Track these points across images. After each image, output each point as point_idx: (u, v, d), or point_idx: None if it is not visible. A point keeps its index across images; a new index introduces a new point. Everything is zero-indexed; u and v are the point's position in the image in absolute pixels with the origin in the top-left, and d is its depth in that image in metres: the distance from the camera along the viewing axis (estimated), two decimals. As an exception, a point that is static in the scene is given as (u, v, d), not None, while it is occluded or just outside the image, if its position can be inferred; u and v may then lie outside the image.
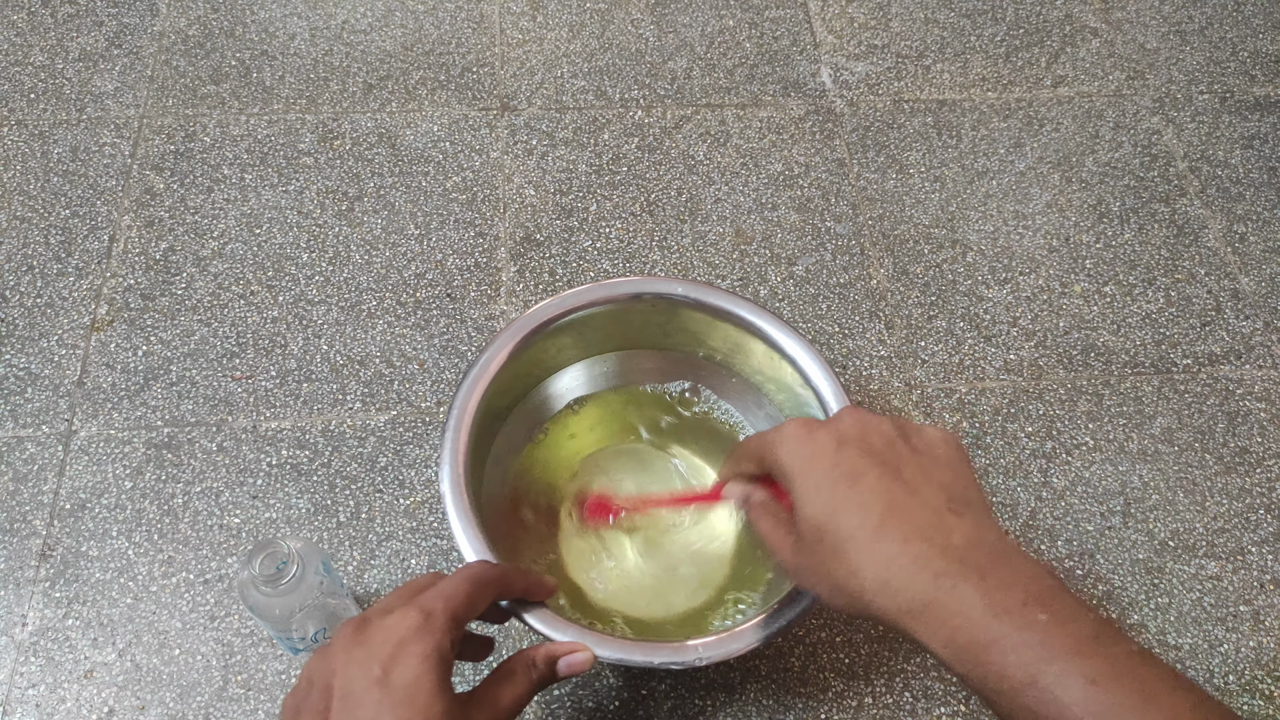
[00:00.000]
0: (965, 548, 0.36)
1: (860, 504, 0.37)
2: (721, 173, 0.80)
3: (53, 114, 0.80)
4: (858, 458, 0.38)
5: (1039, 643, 0.33)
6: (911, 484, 0.38)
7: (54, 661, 0.57)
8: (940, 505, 0.37)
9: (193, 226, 0.74)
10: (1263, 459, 0.68)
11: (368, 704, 0.36)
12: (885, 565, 0.36)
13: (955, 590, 0.34)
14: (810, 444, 0.40)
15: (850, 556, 0.37)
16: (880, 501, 0.37)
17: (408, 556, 0.61)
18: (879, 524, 0.36)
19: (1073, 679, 0.32)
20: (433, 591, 0.41)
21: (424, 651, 0.38)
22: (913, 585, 0.35)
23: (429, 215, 0.76)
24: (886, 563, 0.36)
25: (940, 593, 0.35)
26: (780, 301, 0.73)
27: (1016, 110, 0.86)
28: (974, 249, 0.77)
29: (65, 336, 0.69)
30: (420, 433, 0.66)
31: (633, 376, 0.62)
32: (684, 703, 0.57)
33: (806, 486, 0.39)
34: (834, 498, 0.38)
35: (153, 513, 0.62)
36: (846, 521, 0.37)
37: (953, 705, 0.57)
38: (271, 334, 0.70)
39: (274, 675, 0.57)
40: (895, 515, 0.37)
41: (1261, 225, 0.80)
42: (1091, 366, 0.72)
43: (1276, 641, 0.60)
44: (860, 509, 0.37)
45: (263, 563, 0.47)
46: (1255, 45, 0.92)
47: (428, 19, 0.88)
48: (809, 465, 0.39)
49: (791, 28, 0.90)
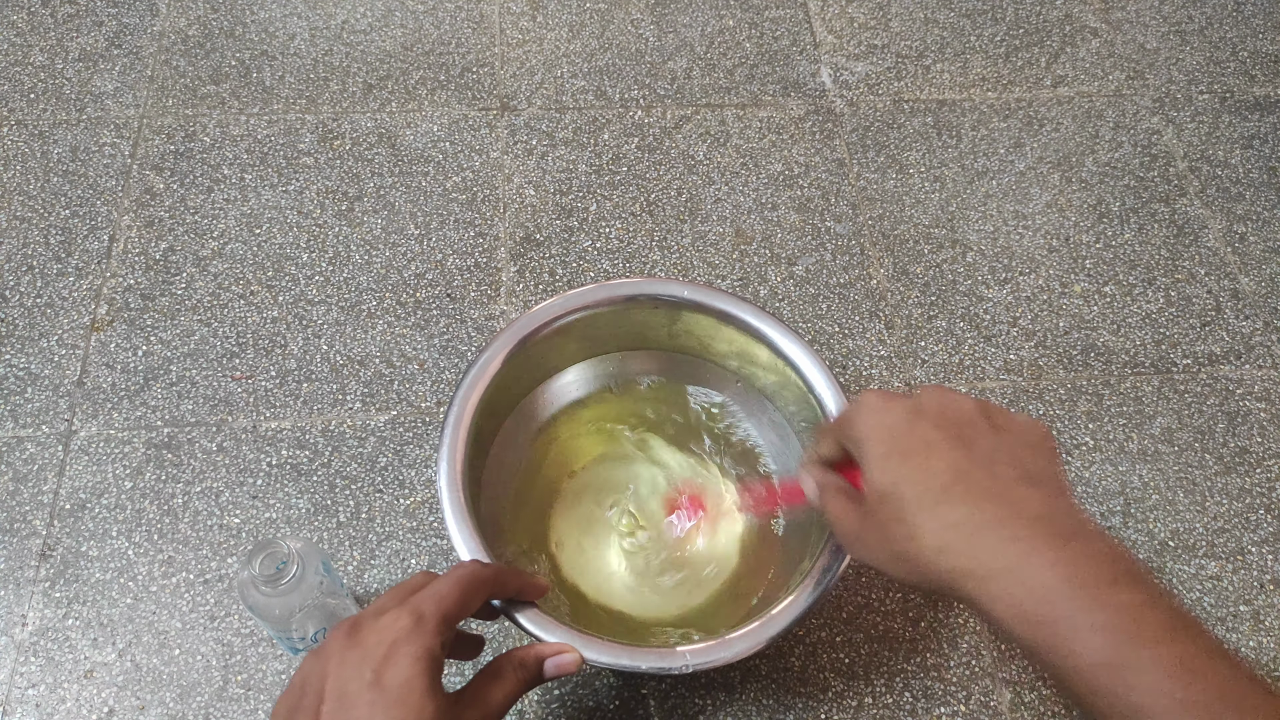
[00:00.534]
0: (1042, 516, 0.34)
1: (927, 471, 0.36)
2: (721, 173, 0.80)
3: (53, 114, 0.80)
4: (931, 429, 0.38)
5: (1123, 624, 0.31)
6: (985, 457, 0.37)
7: (54, 661, 0.57)
8: (1014, 478, 0.36)
9: (193, 226, 0.74)
10: (1263, 459, 0.68)
11: (360, 705, 0.37)
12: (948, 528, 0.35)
13: (1030, 557, 0.33)
14: (885, 413, 0.39)
15: (911, 519, 0.36)
16: (949, 469, 0.36)
17: (408, 556, 0.61)
18: (944, 488, 0.36)
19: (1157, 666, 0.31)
20: (425, 593, 0.41)
21: (416, 653, 0.38)
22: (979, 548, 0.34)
23: (429, 215, 0.76)
24: (950, 525, 0.35)
25: (1012, 558, 0.33)
26: (780, 301, 0.73)
27: (1016, 110, 0.86)
28: (974, 249, 0.77)
29: (65, 336, 0.69)
30: (420, 433, 0.66)
31: (635, 377, 0.62)
32: (684, 702, 0.57)
33: (876, 454, 0.38)
34: (902, 465, 0.37)
35: (153, 513, 0.62)
36: (911, 487, 0.36)
37: (953, 705, 0.57)
38: (271, 334, 0.70)
39: (274, 675, 0.57)
40: (963, 482, 0.36)
41: (1261, 225, 0.80)
42: (1091, 366, 0.72)
43: (1276, 641, 0.60)
44: (927, 475, 0.36)
45: (263, 563, 0.47)
46: (1255, 45, 0.92)
47: (428, 19, 0.88)
48: (881, 433, 0.38)
49: (791, 28, 0.90)
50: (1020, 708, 0.58)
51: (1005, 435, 0.38)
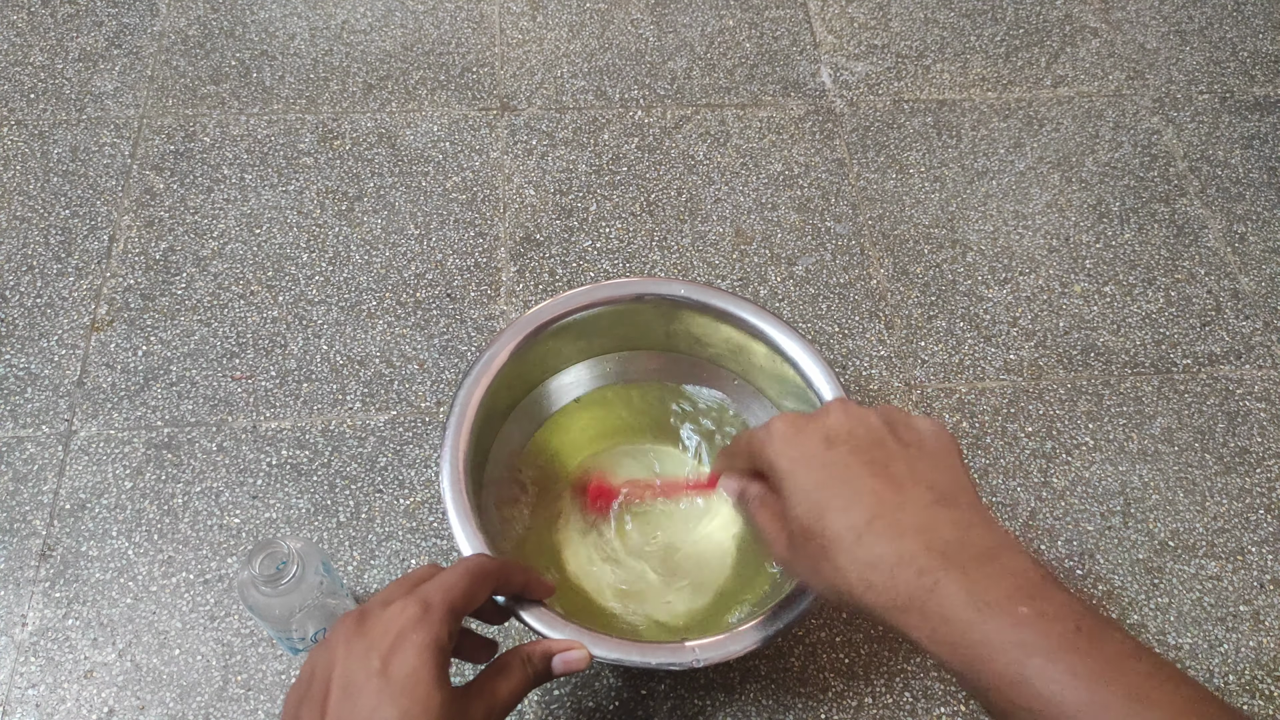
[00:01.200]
0: (952, 543, 0.35)
1: (847, 506, 0.37)
2: (721, 173, 0.80)
3: (53, 114, 0.80)
4: (846, 456, 0.38)
5: (1023, 638, 0.32)
6: (899, 481, 0.38)
7: (54, 661, 0.57)
8: (928, 501, 0.37)
9: (193, 226, 0.75)
10: (1263, 459, 0.68)
11: (367, 695, 0.37)
12: (870, 566, 0.36)
13: (938, 587, 0.34)
14: (798, 444, 0.40)
15: (836, 557, 0.37)
16: (867, 503, 0.37)
17: (407, 556, 0.61)
18: (865, 526, 0.36)
19: (1059, 675, 0.31)
20: (432, 583, 0.41)
21: (423, 642, 0.38)
22: (896, 584, 0.35)
23: (429, 215, 0.76)
24: (872, 564, 0.36)
25: (923, 590, 0.34)
26: (780, 301, 0.73)
27: (1016, 110, 0.86)
28: (974, 249, 0.77)
29: (65, 336, 0.69)
30: (420, 433, 0.66)
31: (634, 377, 0.62)
32: (684, 703, 0.57)
33: (795, 487, 0.39)
34: (821, 499, 0.38)
35: (153, 513, 0.62)
36: (833, 524, 0.37)
37: (953, 705, 0.57)
38: (271, 334, 0.70)
39: (274, 675, 0.57)
40: (882, 516, 0.37)
41: (1261, 225, 0.80)
42: (1091, 366, 0.72)
43: (1276, 641, 0.60)
44: (847, 511, 0.37)
45: (263, 563, 0.47)
46: (1255, 45, 0.92)
47: (428, 19, 0.88)
48: (797, 466, 0.39)
49: (791, 28, 0.90)
50: (1020, 708, 0.57)
51: (912, 449, 0.39)
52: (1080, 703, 0.31)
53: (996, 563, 0.35)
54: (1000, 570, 0.34)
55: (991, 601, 0.33)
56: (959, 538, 0.36)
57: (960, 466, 0.39)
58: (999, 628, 0.33)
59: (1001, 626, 0.33)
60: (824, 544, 0.37)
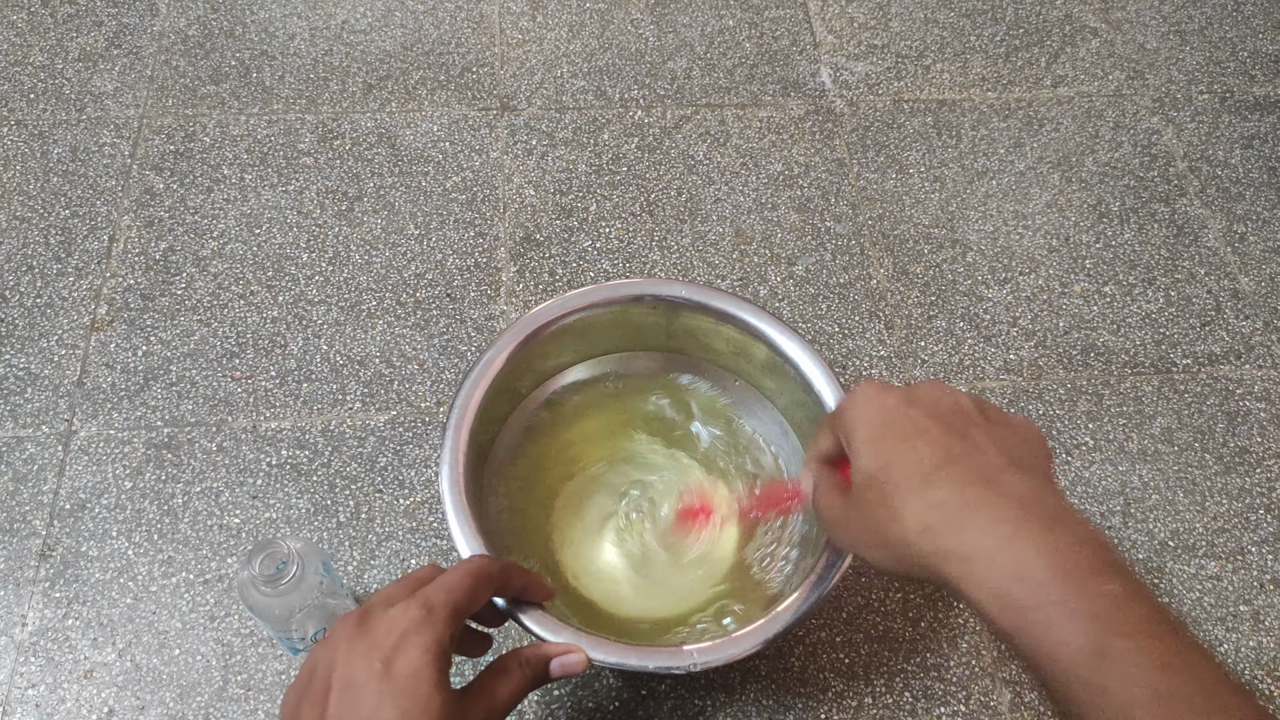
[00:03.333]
0: (1028, 500, 0.34)
1: (915, 455, 0.36)
2: (721, 173, 0.80)
3: (53, 114, 0.80)
4: (923, 416, 0.37)
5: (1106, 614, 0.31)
6: (975, 444, 0.36)
7: (54, 661, 0.57)
8: (1002, 464, 0.36)
9: (193, 226, 0.74)
10: (1263, 459, 0.68)
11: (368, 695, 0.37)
12: (932, 508, 0.34)
13: (1014, 540, 0.33)
14: (878, 401, 0.39)
15: (896, 501, 0.35)
16: (937, 453, 0.36)
17: (407, 556, 0.61)
18: (931, 470, 0.35)
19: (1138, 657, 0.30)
20: (434, 585, 0.41)
21: (425, 644, 0.38)
22: (964, 529, 0.34)
23: (429, 215, 0.76)
24: (935, 506, 0.34)
25: (997, 540, 0.33)
26: (780, 301, 0.73)
27: (1016, 110, 0.86)
28: (974, 249, 0.77)
29: (65, 336, 0.69)
30: (420, 433, 0.66)
31: (634, 378, 0.62)
32: (684, 703, 0.57)
33: (866, 439, 0.38)
34: (890, 449, 0.37)
35: (153, 513, 0.62)
36: (898, 470, 0.36)
37: (953, 705, 0.57)
38: (271, 334, 0.70)
39: (274, 675, 0.57)
40: (950, 465, 0.35)
41: (1261, 225, 0.80)
42: (1091, 366, 0.72)
43: (1276, 641, 0.60)
44: (914, 459, 0.36)
45: (263, 563, 0.47)
46: (1255, 45, 0.92)
47: (428, 19, 0.88)
48: (872, 419, 0.38)
49: (791, 28, 0.90)
50: (1020, 708, 0.58)
51: (998, 428, 0.38)
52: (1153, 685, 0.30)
53: (1072, 530, 0.33)
54: (1075, 539, 0.33)
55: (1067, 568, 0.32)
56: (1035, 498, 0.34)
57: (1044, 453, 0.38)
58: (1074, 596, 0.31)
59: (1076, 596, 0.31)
60: (886, 489, 0.36)
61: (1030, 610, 0.32)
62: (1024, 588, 0.32)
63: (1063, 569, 0.32)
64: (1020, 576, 0.32)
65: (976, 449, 0.36)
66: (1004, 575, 0.33)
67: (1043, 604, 0.32)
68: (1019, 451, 0.37)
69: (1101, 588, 0.32)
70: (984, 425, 0.38)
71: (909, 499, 0.35)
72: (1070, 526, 0.34)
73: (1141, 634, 0.31)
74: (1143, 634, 0.31)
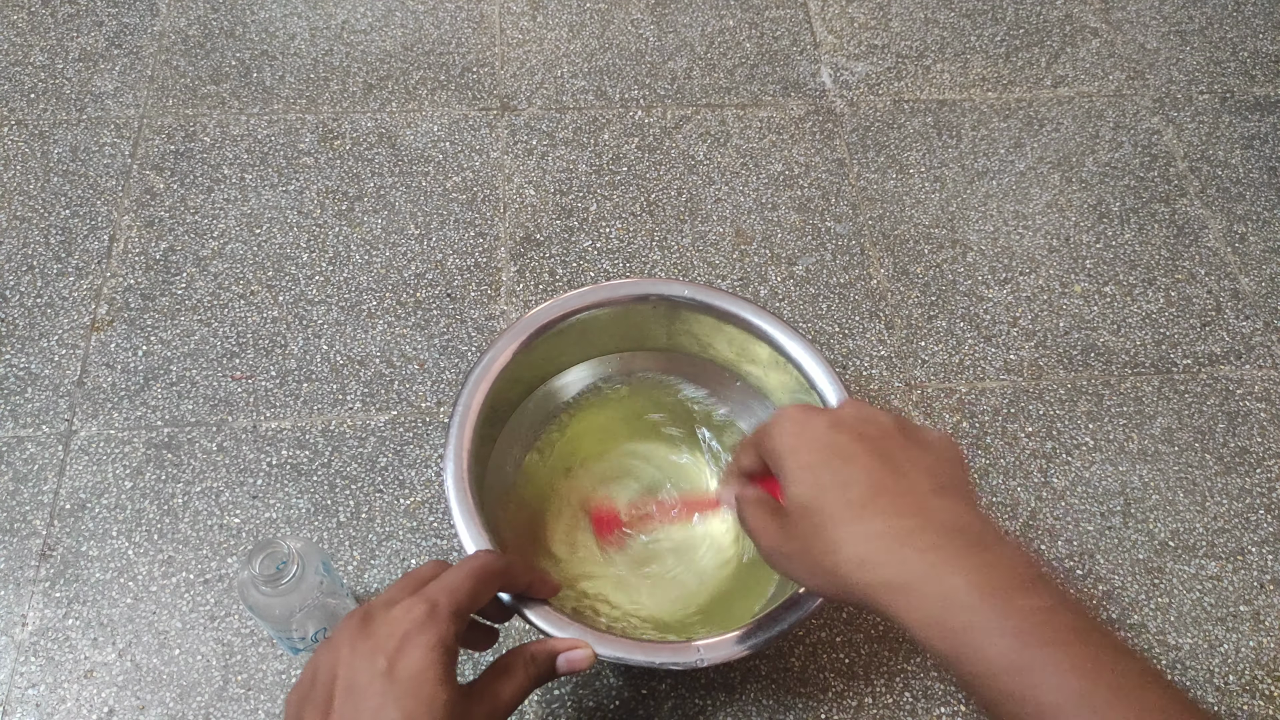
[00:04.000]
0: (951, 527, 0.35)
1: (846, 483, 0.37)
2: (721, 173, 0.80)
3: (53, 114, 0.80)
4: (850, 441, 0.38)
5: (1028, 628, 0.32)
6: (902, 469, 0.37)
7: (54, 661, 0.57)
8: (929, 489, 0.37)
9: (193, 226, 0.74)
10: (1263, 459, 0.68)
11: (372, 695, 0.37)
12: (866, 540, 0.36)
13: (939, 568, 0.34)
14: (804, 426, 0.40)
15: (830, 533, 0.36)
16: (867, 481, 0.37)
17: (408, 556, 0.61)
18: (863, 502, 0.36)
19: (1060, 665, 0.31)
20: (437, 583, 0.41)
21: (429, 643, 0.38)
22: (894, 561, 0.35)
23: (429, 215, 0.76)
24: (868, 538, 0.36)
25: (924, 569, 0.34)
26: (780, 301, 0.73)
27: (1016, 110, 0.86)
28: (974, 249, 0.77)
29: (65, 336, 0.69)
30: (420, 433, 0.66)
31: (636, 378, 0.62)
32: (684, 702, 0.57)
33: (795, 465, 0.39)
34: (821, 476, 0.38)
35: (153, 513, 0.62)
36: (831, 499, 0.37)
37: (953, 705, 0.57)
38: (271, 334, 0.70)
39: (274, 675, 0.57)
40: (882, 494, 0.36)
41: (1261, 225, 0.80)
42: (1091, 366, 0.72)
43: (1276, 641, 0.60)
44: (845, 487, 0.37)
45: (263, 563, 0.47)
46: (1255, 45, 0.92)
47: (428, 19, 0.88)
48: (800, 445, 0.39)
49: (791, 28, 0.90)
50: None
51: (917, 448, 0.39)
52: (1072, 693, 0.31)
53: (995, 552, 0.35)
54: (999, 559, 0.34)
55: (992, 589, 0.33)
56: (959, 524, 0.36)
57: (963, 471, 0.39)
58: (999, 616, 0.33)
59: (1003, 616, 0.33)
60: (820, 520, 0.37)
61: (960, 633, 0.33)
62: (953, 612, 0.33)
63: (988, 589, 0.33)
64: (947, 601, 0.33)
65: (904, 476, 0.37)
66: (935, 602, 0.34)
67: (969, 625, 0.33)
68: (942, 473, 0.38)
69: (1022, 604, 0.33)
70: (908, 448, 0.39)
71: (843, 531, 0.36)
72: (995, 548, 0.35)
73: (1060, 644, 0.32)
74: (1061, 644, 0.32)
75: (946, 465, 0.39)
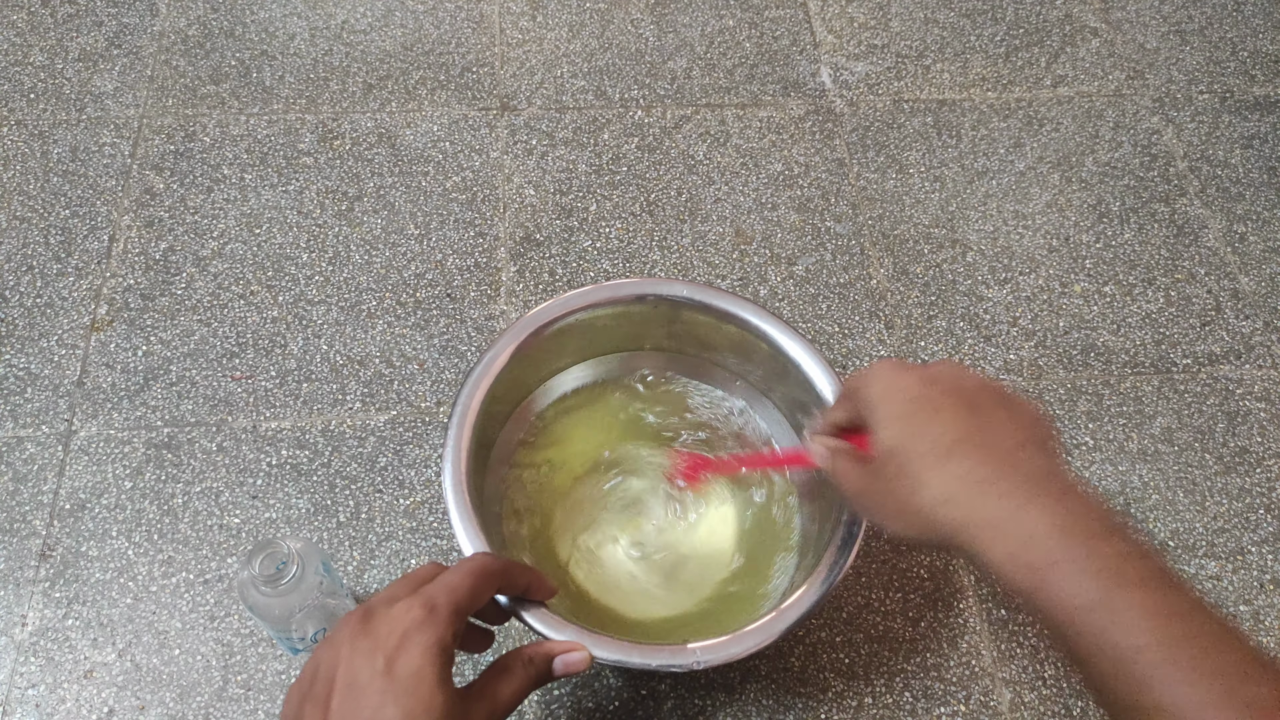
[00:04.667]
0: (1038, 475, 0.37)
1: (936, 430, 0.39)
2: (721, 173, 0.80)
3: (53, 114, 0.80)
4: (940, 394, 0.40)
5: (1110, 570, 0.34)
6: (988, 423, 0.39)
7: (54, 661, 0.57)
8: (1016, 441, 0.38)
9: (193, 226, 0.74)
10: (1263, 459, 0.68)
11: (371, 694, 0.37)
12: (951, 481, 0.37)
13: (1025, 508, 0.35)
14: (899, 378, 0.41)
15: (917, 473, 0.38)
16: (955, 429, 0.38)
17: (407, 556, 0.61)
18: (950, 445, 0.38)
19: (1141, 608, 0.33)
20: (436, 584, 0.41)
21: (427, 643, 0.38)
22: (979, 500, 0.36)
23: (429, 215, 0.76)
24: (955, 478, 0.37)
25: (1010, 509, 0.36)
26: (780, 301, 0.73)
27: (1016, 110, 0.86)
28: (974, 249, 0.77)
29: (65, 336, 0.69)
30: (420, 433, 0.66)
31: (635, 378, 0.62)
32: (684, 702, 0.57)
33: (887, 414, 0.40)
34: (911, 424, 0.39)
35: (153, 513, 0.62)
36: (919, 444, 0.38)
37: (953, 705, 0.57)
38: (271, 334, 0.70)
39: (274, 675, 0.57)
40: (968, 441, 0.38)
41: (1261, 225, 0.80)
42: (1091, 366, 0.72)
43: (1277, 641, 0.60)
44: (935, 434, 0.38)
45: (263, 563, 0.47)
46: (1255, 45, 0.92)
47: (428, 19, 0.88)
48: (893, 395, 0.40)
49: (791, 28, 0.90)
50: (1020, 708, 0.58)
51: (1009, 409, 0.40)
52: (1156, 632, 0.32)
53: (1077, 499, 0.36)
54: (1082, 506, 0.36)
55: (1076, 531, 0.35)
56: (1045, 469, 0.37)
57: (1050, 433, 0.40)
58: (1082, 555, 0.34)
59: (1085, 554, 0.34)
60: (906, 462, 0.38)
61: (1042, 570, 0.34)
62: (1035, 550, 0.35)
63: (1069, 532, 0.35)
64: (1030, 540, 0.35)
65: (991, 427, 0.39)
66: (1017, 540, 0.35)
67: (1053, 563, 0.34)
68: (1028, 430, 0.40)
69: (1104, 548, 0.34)
70: (997, 405, 0.40)
71: (930, 472, 0.38)
72: (1077, 497, 0.36)
73: (1140, 586, 0.33)
74: (1141, 586, 0.33)
75: (1033, 424, 0.40)
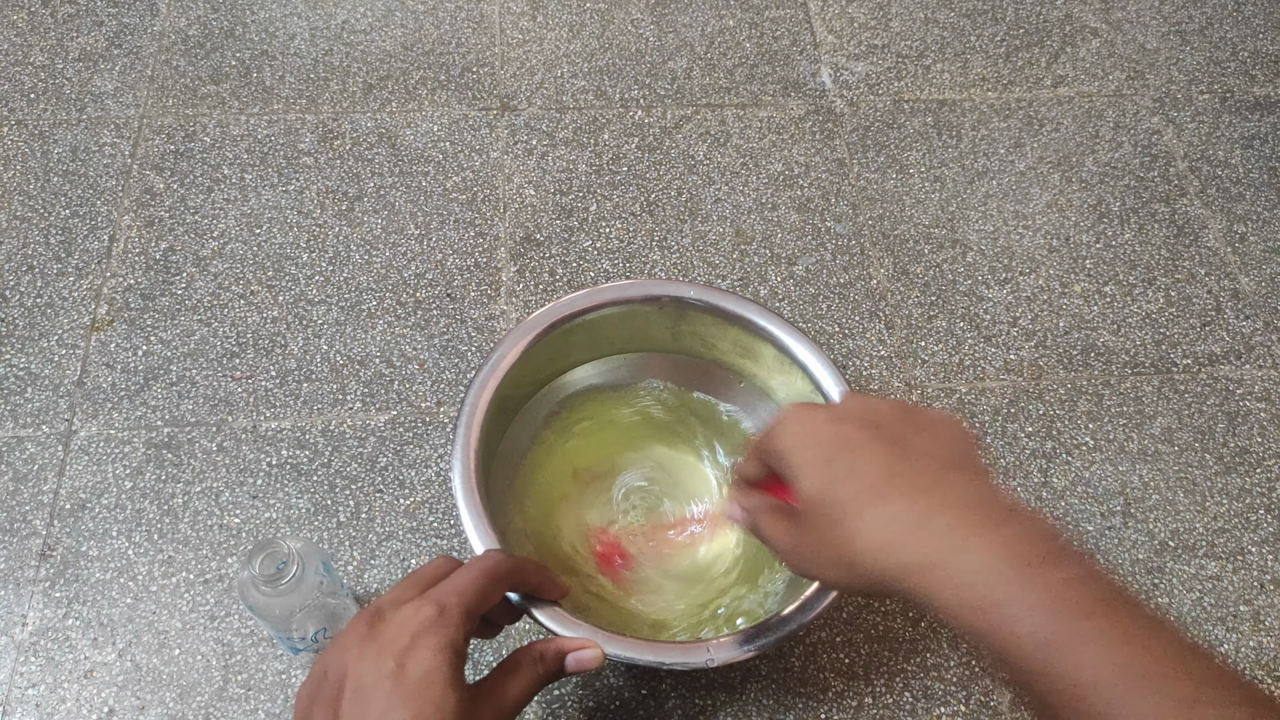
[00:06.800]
0: (973, 502, 0.34)
1: (856, 472, 0.36)
2: (721, 173, 0.80)
3: (53, 114, 0.80)
4: (855, 431, 0.38)
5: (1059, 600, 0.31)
6: (910, 451, 0.37)
7: (54, 661, 0.57)
8: (939, 467, 0.36)
9: (193, 226, 0.74)
10: (1263, 459, 0.68)
11: (380, 696, 0.37)
12: (884, 524, 0.35)
13: (963, 544, 0.33)
14: (807, 423, 0.39)
15: (847, 522, 0.35)
16: (877, 467, 0.36)
17: (408, 556, 0.61)
18: (877, 487, 0.35)
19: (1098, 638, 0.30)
20: (447, 584, 0.40)
21: (438, 645, 0.38)
22: (915, 541, 0.34)
23: (429, 215, 0.76)
24: (889, 521, 0.35)
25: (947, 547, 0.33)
26: (780, 301, 0.73)
27: (1016, 110, 0.86)
28: (974, 249, 0.77)
29: (65, 336, 0.69)
30: (420, 433, 0.66)
31: (640, 378, 0.62)
32: (685, 702, 0.57)
33: (803, 461, 0.38)
34: (831, 468, 0.37)
35: (153, 513, 0.62)
36: (844, 489, 0.36)
37: (953, 705, 0.57)
38: (271, 334, 0.70)
39: (274, 675, 0.57)
40: (894, 478, 0.36)
41: (1261, 225, 0.80)
42: (1091, 366, 0.72)
43: (1276, 641, 0.60)
44: (857, 476, 0.36)
45: (263, 563, 0.47)
46: (1255, 45, 0.92)
47: (428, 19, 0.88)
48: (806, 441, 0.38)
49: (791, 28, 0.90)
50: (1020, 708, 0.57)
51: (925, 431, 0.38)
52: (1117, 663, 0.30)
53: (1018, 524, 0.34)
54: (1023, 531, 0.33)
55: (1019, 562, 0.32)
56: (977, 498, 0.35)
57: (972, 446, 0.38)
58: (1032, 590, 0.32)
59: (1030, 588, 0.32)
60: (835, 512, 0.36)
61: (988, 609, 0.32)
62: (983, 586, 0.32)
63: (1012, 562, 0.32)
64: (974, 577, 0.33)
65: (913, 456, 0.36)
66: (963, 578, 0.33)
67: (998, 600, 0.32)
68: (952, 450, 0.37)
69: (1050, 575, 0.32)
70: (914, 431, 0.38)
71: (860, 519, 0.35)
72: (1017, 521, 0.34)
73: (1093, 615, 0.31)
74: (1094, 614, 0.31)
75: (955, 442, 0.38)
